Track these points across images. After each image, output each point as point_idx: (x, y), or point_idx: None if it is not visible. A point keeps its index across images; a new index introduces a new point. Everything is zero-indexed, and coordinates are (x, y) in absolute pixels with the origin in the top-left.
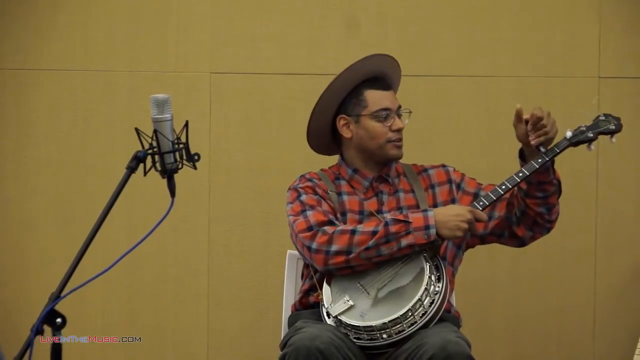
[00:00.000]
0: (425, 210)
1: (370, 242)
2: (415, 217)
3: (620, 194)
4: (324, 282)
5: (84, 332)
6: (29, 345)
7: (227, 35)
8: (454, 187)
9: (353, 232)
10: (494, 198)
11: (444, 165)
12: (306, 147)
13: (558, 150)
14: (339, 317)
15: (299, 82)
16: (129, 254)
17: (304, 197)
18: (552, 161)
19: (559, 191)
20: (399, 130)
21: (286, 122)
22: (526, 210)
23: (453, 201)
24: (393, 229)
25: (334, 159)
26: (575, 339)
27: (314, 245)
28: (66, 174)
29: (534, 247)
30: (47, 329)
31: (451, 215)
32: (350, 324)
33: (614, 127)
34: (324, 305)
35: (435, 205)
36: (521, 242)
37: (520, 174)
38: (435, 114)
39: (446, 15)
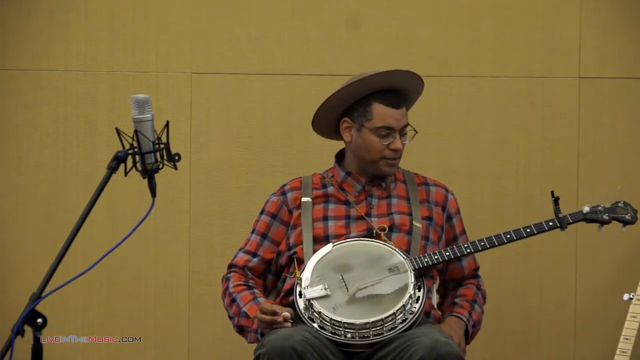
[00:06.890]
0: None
1: (236, 328)
2: (256, 318)
3: (601, 194)
4: (307, 263)
5: (63, 332)
6: (9, 345)
7: (208, 35)
8: (444, 215)
9: (233, 300)
10: (457, 254)
11: (446, 189)
12: (287, 147)
13: (571, 221)
14: (311, 301)
15: (280, 82)
16: (110, 254)
17: (261, 217)
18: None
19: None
20: (396, 151)
21: (267, 122)
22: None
23: (442, 227)
24: (243, 322)
25: (315, 159)
26: (556, 340)
27: (221, 287)
28: (47, 174)
29: (514, 248)
30: (28, 329)
31: (259, 322)
32: (319, 312)
33: (629, 217)
34: (300, 284)
35: (430, 219)
36: None
37: (516, 233)
38: (415, 114)
39: (425, 15)
